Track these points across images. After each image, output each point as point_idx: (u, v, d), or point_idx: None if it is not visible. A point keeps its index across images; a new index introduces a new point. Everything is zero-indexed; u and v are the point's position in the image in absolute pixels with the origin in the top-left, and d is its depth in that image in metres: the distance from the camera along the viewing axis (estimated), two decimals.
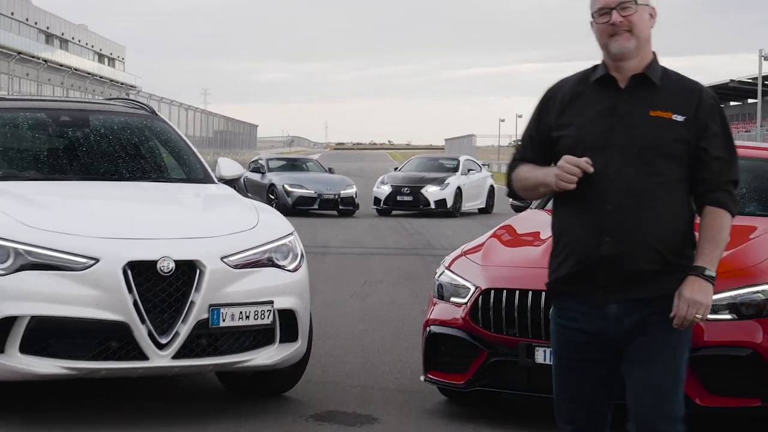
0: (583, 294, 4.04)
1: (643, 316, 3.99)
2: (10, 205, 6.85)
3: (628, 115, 4.01)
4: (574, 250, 4.03)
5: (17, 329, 6.31)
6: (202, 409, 7.02)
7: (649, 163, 3.94)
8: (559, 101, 4.12)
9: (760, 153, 8.71)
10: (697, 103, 4.00)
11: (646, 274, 3.97)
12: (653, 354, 4.01)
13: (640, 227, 3.94)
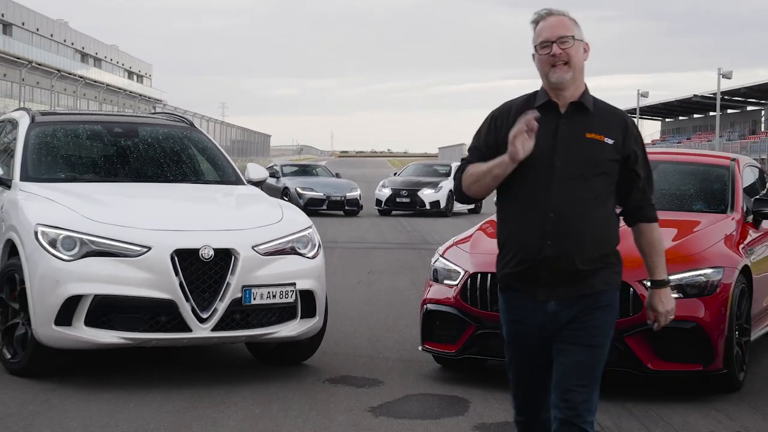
0: (527, 291, 4.02)
1: (577, 311, 3.97)
2: (75, 202, 7.07)
3: (567, 137, 4.00)
4: (520, 252, 4.00)
5: (83, 306, 6.57)
6: (236, 374, 7.21)
7: (585, 178, 3.95)
8: (506, 122, 4.04)
9: (707, 159, 8.90)
10: (624, 128, 4.03)
11: (582, 273, 3.96)
12: (581, 341, 3.98)
13: (578, 233, 3.93)
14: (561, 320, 3.96)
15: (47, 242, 6.70)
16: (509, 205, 4.02)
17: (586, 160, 3.94)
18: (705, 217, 7.62)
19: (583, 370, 3.97)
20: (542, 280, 3.95)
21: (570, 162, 3.93)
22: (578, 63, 4.01)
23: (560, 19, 4.03)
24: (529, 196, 3.94)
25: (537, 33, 4.04)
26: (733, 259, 6.97)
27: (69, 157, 8.12)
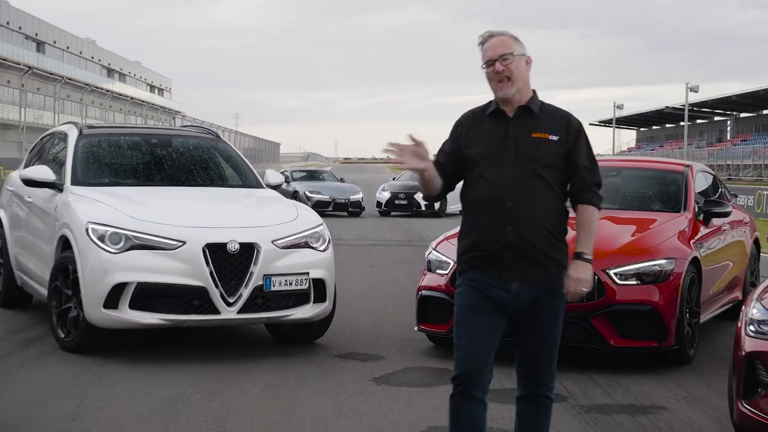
0: (493, 273, 4.07)
1: (538, 295, 4.06)
2: (119, 203, 7.45)
3: (516, 136, 4.11)
4: (485, 238, 4.07)
5: (127, 292, 6.95)
6: (258, 351, 7.58)
7: (535, 171, 4.06)
8: (467, 127, 4.20)
9: (664, 166, 9.25)
10: (567, 126, 4.13)
11: (541, 256, 4.04)
12: (544, 327, 4.11)
13: (533, 218, 4.03)
14: (522, 301, 4.05)
15: (97, 237, 7.09)
16: (472, 198, 4.12)
17: (533, 155, 4.07)
18: (661, 216, 8.00)
19: (546, 354, 4.15)
20: (506, 261, 4.04)
21: (520, 158, 4.06)
22: (520, 76, 4.12)
23: (501, 39, 4.14)
24: (489, 189, 4.06)
25: (483, 53, 4.15)
26: (684, 251, 7.37)
27: (112, 165, 8.50)
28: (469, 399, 4.09)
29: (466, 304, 4.12)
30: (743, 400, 4.93)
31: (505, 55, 4.07)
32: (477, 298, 4.10)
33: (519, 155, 4.07)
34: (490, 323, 4.08)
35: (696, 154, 77.11)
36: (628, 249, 7.24)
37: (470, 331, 4.10)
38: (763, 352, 4.80)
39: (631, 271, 7.02)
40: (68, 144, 8.49)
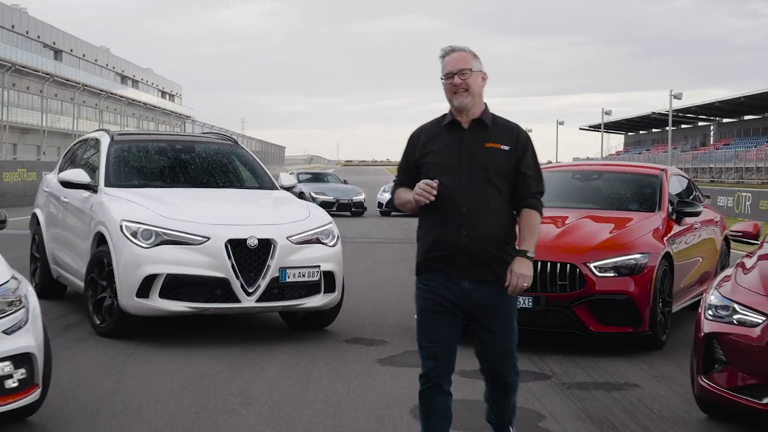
0: (445, 272, 4.18)
1: (488, 293, 4.18)
2: (149, 203, 7.88)
3: (470, 147, 4.21)
4: (440, 240, 4.18)
5: (157, 282, 7.37)
6: (274, 337, 8.00)
7: (487, 179, 4.17)
8: (422, 140, 4.29)
9: (641, 170, 9.71)
10: (516, 138, 4.25)
11: (490, 258, 4.14)
12: (498, 322, 4.23)
13: (485, 222, 4.14)
14: (474, 299, 4.18)
15: (130, 234, 7.53)
16: (430, 205, 4.17)
17: (486, 164, 4.19)
18: (637, 215, 8.42)
19: (505, 348, 4.29)
20: (458, 262, 4.16)
21: (474, 166, 4.18)
22: (476, 90, 4.23)
23: (461, 55, 4.24)
24: (445, 196, 4.15)
25: (443, 66, 4.26)
26: (657, 247, 7.81)
27: (141, 168, 8.92)
28: (437, 393, 4.27)
29: (424, 308, 4.28)
30: (702, 375, 5.40)
31: (464, 70, 4.19)
32: (434, 302, 4.24)
33: (473, 164, 4.18)
34: (448, 323, 4.23)
35: (681, 157, 77.55)
36: (606, 245, 7.69)
37: (431, 332, 4.26)
38: (719, 333, 5.26)
39: (609, 265, 7.45)
40: (101, 149, 8.93)
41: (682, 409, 5.85)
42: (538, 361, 7.19)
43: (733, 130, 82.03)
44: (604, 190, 9.15)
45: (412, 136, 4.38)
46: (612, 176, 9.44)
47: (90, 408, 5.62)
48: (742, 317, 5.19)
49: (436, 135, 4.28)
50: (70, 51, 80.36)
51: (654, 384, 6.55)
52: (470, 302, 4.19)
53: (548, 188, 9.46)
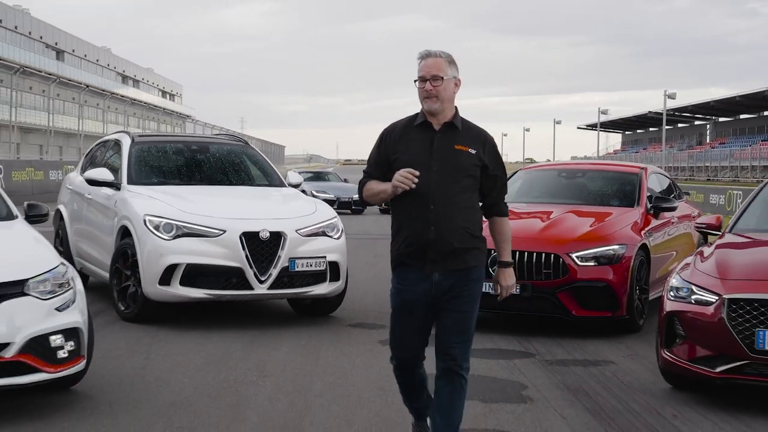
0: (417, 266, 4.37)
1: (454, 281, 4.36)
2: (169, 199, 8.55)
3: (441, 148, 4.36)
4: (411, 236, 4.35)
5: (178, 271, 8.06)
6: (283, 322, 8.68)
7: (455, 179, 4.33)
8: (395, 137, 4.44)
9: (622, 168, 10.36)
10: (484, 142, 4.42)
11: (458, 251, 4.34)
12: (460, 308, 4.38)
13: (453, 219, 4.32)
14: (443, 288, 4.36)
15: (153, 227, 8.23)
16: (401, 203, 4.39)
17: (455, 165, 4.36)
18: (617, 210, 9.11)
19: (461, 331, 4.39)
20: (429, 257, 4.34)
21: (444, 167, 4.35)
22: (447, 96, 4.36)
23: (436, 61, 4.36)
24: (415, 195, 4.32)
25: (419, 69, 4.39)
26: (635, 239, 8.50)
27: (160, 167, 9.59)
28: (409, 372, 4.59)
29: (398, 305, 4.53)
30: (665, 349, 6.13)
31: (436, 76, 4.33)
32: (407, 298, 4.46)
33: (443, 165, 4.36)
34: (419, 318, 4.45)
35: (677, 156, 78.17)
36: (588, 237, 8.40)
37: (402, 326, 4.52)
38: (679, 311, 5.99)
39: (590, 255, 8.16)
40: (122, 150, 9.62)
41: (650, 381, 6.58)
42: (524, 342, 7.92)
43: (728, 129, 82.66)
44: (587, 187, 9.86)
45: (384, 132, 4.53)
46: (595, 174, 10.16)
47: (124, 380, 6.34)
48: (699, 297, 5.91)
49: (409, 134, 4.44)
50: (72, 51, 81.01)
51: (628, 361, 7.27)
52: (440, 291, 4.38)
53: (536, 185, 10.29)
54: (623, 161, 12.48)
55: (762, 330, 5.55)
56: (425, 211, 4.33)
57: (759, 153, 61.14)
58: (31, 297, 5.35)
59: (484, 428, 5.36)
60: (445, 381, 4.42)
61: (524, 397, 6.11)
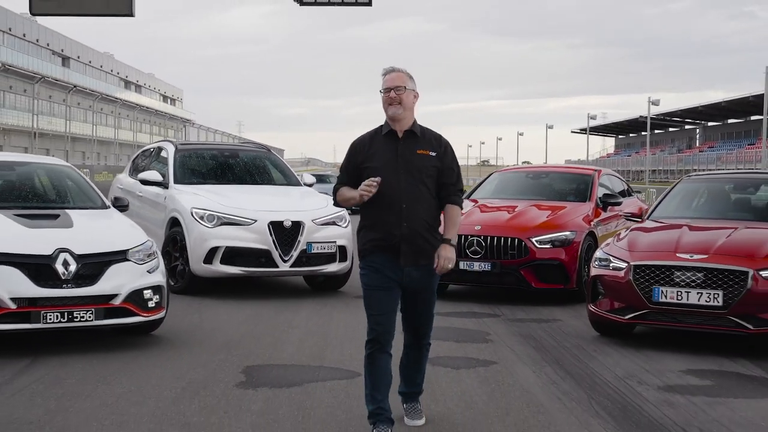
0: (391, 259, 4.85)
1: (422, 273, 4.91)
2: (209, 195, 10.62)
3: (404, 153, 4.86)
4: (386, 232, 4.82)
5: (219, 253, 10.13)
6: (299, 296, 10.71)
7: (420, 180, 4.84)
8: (364, 147, 4.93)
9: (578, 170, 12.48)
10: (440, 144, 4.97)
11: (426, 244, 4.84)
12: (424, 293, 5.01)
13: (420, 215, 4.84)
14: (412, 278, 4.92)
15: (198, 217, 10.33)
16: (374, 203, 4.86)
17: (419, 167, 4.88)
18: (571, 204, 11.23)
19: (427, 315, 5.10)
20: (402, 250, 4.86)
21: (409, 169, 4.86)
22: (408, 104, 4.91)
23: (399, 75, 4.94)
24: (387, 194, 4.81)
25: (383, 82, 4.94)
26: (583, 227, 10.62)
27: (200, 170, 11.71)
28: (381, 353, 4.93)
29: (370, 284, 4.94)
30: (591, 303, 8.26)
31: (399, 87, 4.91)
32: (378, 279, 4.90)
33: (408, 167, 4.88)
34: (390, 297, 4.92)
35: (667, 159, 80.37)
36: (545, 225, 10.53)
37: (376, 304, 4.92)
38: (600, 275, 8.11)
39: (547, 239, 10.27)
40: (168, 156, 11.74)
41: (584, 331, 8.69)
42: (493, 307, 10.05)
43: (717, 133, 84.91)
44: (550, 186, 12.01)
45: (355, 144, 5.03)
46: (556, 175, 12.32)
47: (186, 330, 8.45)
48: (614, 265, 8.03)
49: (376, 143, 4.95)
50: (77, 58, 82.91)
51: (571, 319, 9.40)
52: (409, 281, 4.92)
53: (508, 185, 12.52)
54: (584, 165, 14.43)
55: (657, 287, 7.67)
56: (398, 209, 4.85)
57: (744, 156, 63.37)
58: (131, 262, 7.47)
59: (456, 356, 7.45)
60: (413, 348, 5.21)
61: (487, 339, 8.23)
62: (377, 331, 4.91)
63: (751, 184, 9.49)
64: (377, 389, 4.95)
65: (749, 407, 6.00)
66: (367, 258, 4.95)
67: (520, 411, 5.77)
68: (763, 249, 7.68)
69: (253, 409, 5.71)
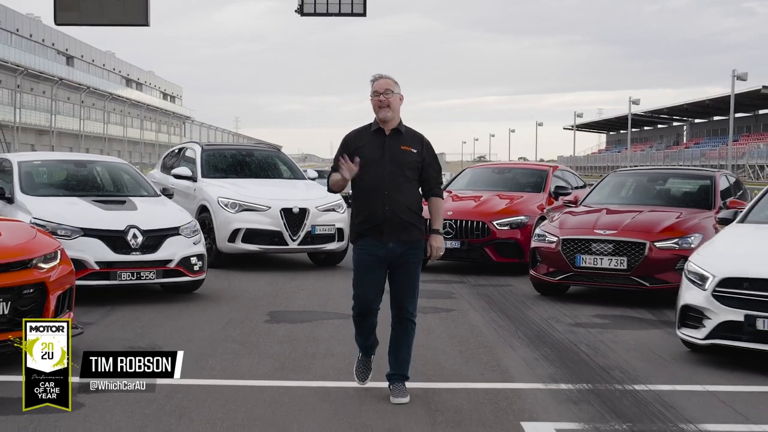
0: (375, 237, 5.40)
1: (404, 249, 5.43)
2: (231, 187, 13.03)
3: (391, 148, 5.37)
4: (371, 215, 5.39)
5: (240, 233, 12.52)
6: (304, 270, 13.09)
7: (402, 172, 5.35)
8: (355, 141, 5.44)
9: (536, 166, 14.97)
10: (422, 143, 5.51)
11: (406, 226, 5.41)
12: (408, 269, 5.50)
13: (401, 201, 5.35)
14: (395, 253, 5.45)
15: (223, 205, 12.80)
16: (360, 188, 5.47)
17: (402, 161, 5.39)
18: (527, 194, 13.68)
19: (410, 287, 5.57)
20: (385, 230, 5.42)
21: (393, 162, 5.37)
22: (395, 106, 5.42)
23: (386, 81, 5.46)
24: (373, 183, 5.37)
25: (372, 87, 5.44)
26: (536, 212, 13.08)
27: (222, 166, 14.14)
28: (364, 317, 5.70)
29: (359, 264, 5.57)
30: (531, 269, 10.76)
31: (388, 90, 5.45)
32: (367, 260, 5.51)
33: (392, 160, 5.42)
34: (376, 275, 5.53)
35: (655, 155, 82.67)
36: (505, 211, 13.03)
37: (362, 282, 5.59)
38: (538, 246, 10.60)
39: (506, 222, 12.76)
40: (195, 155, 14.23)
41: (529, 292, 11.16)
42: (461, 276, 12.55)
43: (703, 130, 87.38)
44: (511, 179, 14.51)
45: (347, 137, 5.58)
46: (518, 171, 14.85)
47: (219, 290, 10.92)
48: (548, 239, 10.51)
49: (365, 138, 5.49)
50: (81, 57, 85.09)
51: (521, 284, 11.88)
52: (393, 256, 5.48)
53: (473, 178, 15.21)
54: (535, 163, 16.77)
55: (579, 255, 10.16)
56: (381, 195, 5.43)
57: (727, 152, 65.83)
58: (181, 236, 9.94)
59: (426, 306, 9.91)
60: (399, 326, 5.65)
61: (451, 296, 10.73)
62: (359, 306, 5.71)
63: (661, 177, 12.03)
64: (364, 336, 5.87)
65: (629, 335, 8.48)
66: (358, 242, 5.62)
67: (465, 336, 8.27)
68: (659, 226, 10.18)
69: (278, 334, 8.20)
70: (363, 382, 6.01)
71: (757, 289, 6.68)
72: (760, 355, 6.91)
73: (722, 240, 7.77)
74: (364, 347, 5.92)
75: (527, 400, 5.99)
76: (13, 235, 6.88)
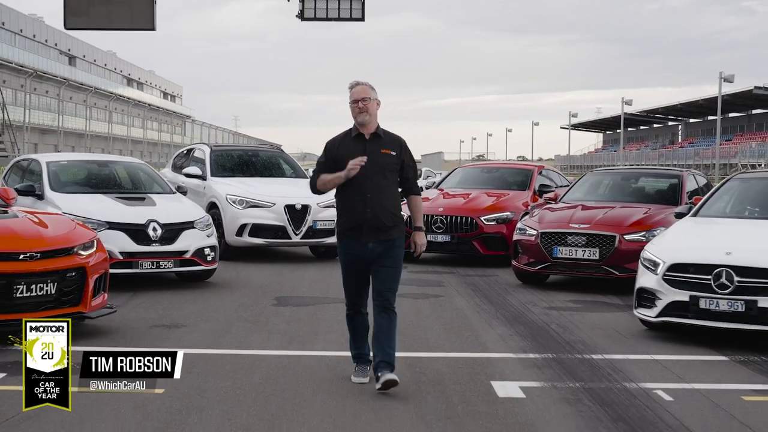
0: (356, 237, 5.66)
1: (384, 248, 5.68)
2: (239, 185, 14.07)
3: (371, 152, 5.61)
4: (353, 216, 5.64)
5: (247, 228, 13.56)
6: (305, 262, 14.15)
7: (383, 174, 5.60)
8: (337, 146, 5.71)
9: (522, 166, 16.06)
10: (400, 145, 5.75)
11: (386, 227, 5.65)
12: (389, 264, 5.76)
13: (382, 203, 5.59)
14: (375, 253, 5.72)
15: (231, 201, 13.86)
16: (345, 191, 5.71)
17: (382, 164, 5.63)
18: (513, 192, 14.73)
19: (391, 281, 5.79)
20: (365, 231, 5.67)
21: (374, 165, 5.61)
22: (372, 111, 5.66)
23: (363, 87, 5.73)
24: (355, 186, 5.61)
25: (350, 94, 5.70)
26: (521, 209, 14.11)
27: (230, 165, 15.19)
28: (356, 314, 5.98)
29: (346, 264, 5.86)
30: (513, 260, 11.84)
31: (364, 98, 5.69)
32: (350, 260, 5.79)
33: (373, 163, 5.60)
34: (361, 273, 5.80)
35: (650, 155, 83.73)
36: (492, 207, 14.10)
37: (350, 280, 5.89)
38: (520, 239, 11.67)
39: (492, 218, 13.82)
40: (205, 155, 15.30)
41: (512, 281, 12.22)
42: (450, 268, 13.63)
43: (698, 130, 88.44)
44: (498, 178, 15.58)
45: (329, 143, 5.82)
46: (505, 170, 15.93)
47: (230, 279, 11.98)
48: (529, 232, 11.57)
49: (347, 143, 5.73)
50: (83, 57, 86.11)
51: (506, 275, 12.94)
52: (373, 255, 5.71)
53: (463, 177, 16.45)
54: (521, 162, 17.79)
55: (556, 247, 11.22)
56: (363, 197, 5.63)
57: (719, 152, 66.88)
58: (196, 229, 11.01)
59: (417, 293, 10.98)
60: (382, 315, 5.82)
61: (441, 285, 11.80)
62: (350, 303, 6.09)
63: (633, 176, 13.11)
64: (356, 339, 6.18)
65: (596, 317, 9.55)
66: (341, 241, 5.89)
67: (450, 317, 9.34)
68: (628, 221, 11.25)
69: (285, 314, 9.28)
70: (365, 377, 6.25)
71: (700, 273, 7.74)
72: (703, 330, 7.98)
73: (674, 231, 8.84)
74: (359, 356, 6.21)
75: (498, 365, 7.05)
76: (57, 226, 7.94)
